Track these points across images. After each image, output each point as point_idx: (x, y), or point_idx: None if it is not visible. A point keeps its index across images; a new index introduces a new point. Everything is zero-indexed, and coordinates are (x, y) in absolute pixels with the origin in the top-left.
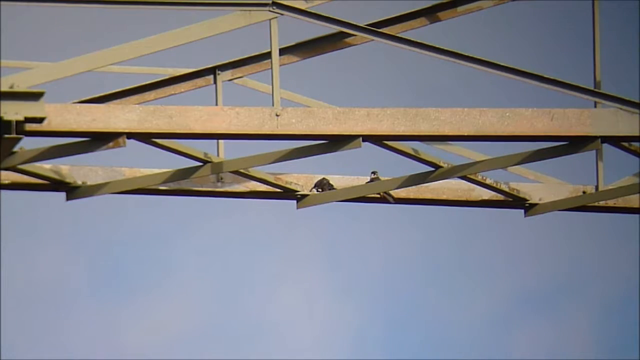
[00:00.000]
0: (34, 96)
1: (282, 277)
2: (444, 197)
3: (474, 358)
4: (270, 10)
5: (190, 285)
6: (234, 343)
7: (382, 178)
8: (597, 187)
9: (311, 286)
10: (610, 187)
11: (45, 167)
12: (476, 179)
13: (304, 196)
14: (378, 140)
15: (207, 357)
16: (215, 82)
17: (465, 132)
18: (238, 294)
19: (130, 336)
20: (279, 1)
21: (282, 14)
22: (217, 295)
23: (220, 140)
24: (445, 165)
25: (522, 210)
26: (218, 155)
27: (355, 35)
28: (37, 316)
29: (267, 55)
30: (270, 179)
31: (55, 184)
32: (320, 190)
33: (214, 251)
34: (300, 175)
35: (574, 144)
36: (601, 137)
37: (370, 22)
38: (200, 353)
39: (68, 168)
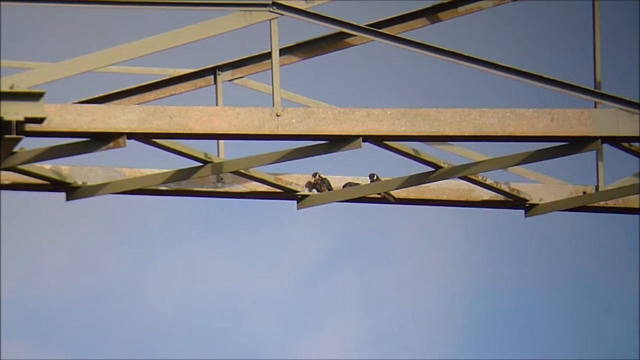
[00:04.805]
0: (34, 96)
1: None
2: (444, 197)
3: (473, 358)
4: (270, 11)
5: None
6: (227, 348)
7: (382, 178)
8: (597, 188)
9: (311, 288)
10: (611, 188)
11: (45, 167)
12: (476, 179)
13: (304, 196)
14: (378, 140)
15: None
16: (215, 83)
17: (465, 132)
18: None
19: (119, 344)
20: (279, 1)
21: (282, 14)
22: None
23: (220, 141)
24: (445, 166)
25: (522, 211)
26: (218, 155)
27: (355, 35)
28: (35, 317)
29: (267, 56)
30: (271, 179)
31: (55, 184)
32: (317, 189)
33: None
34: (301, 176)
35: (574, 144)
36: (601, 137)
37: (370, 22)
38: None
39: (68, 168)
